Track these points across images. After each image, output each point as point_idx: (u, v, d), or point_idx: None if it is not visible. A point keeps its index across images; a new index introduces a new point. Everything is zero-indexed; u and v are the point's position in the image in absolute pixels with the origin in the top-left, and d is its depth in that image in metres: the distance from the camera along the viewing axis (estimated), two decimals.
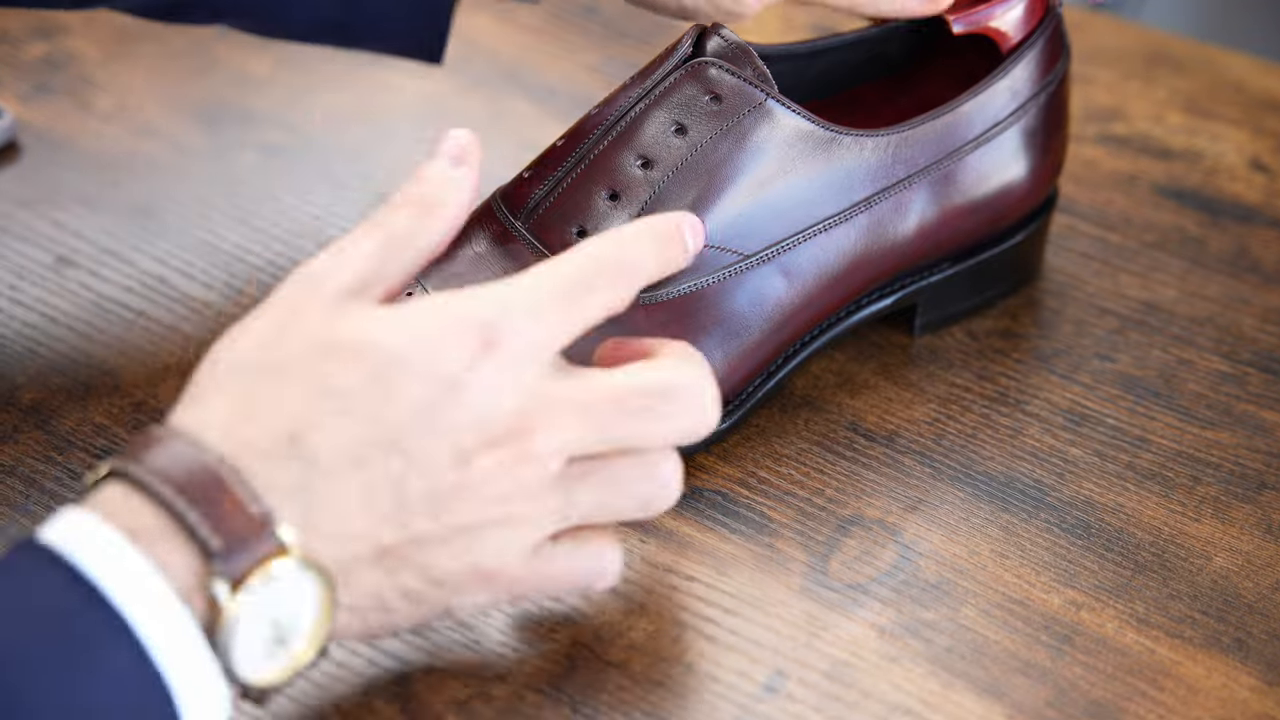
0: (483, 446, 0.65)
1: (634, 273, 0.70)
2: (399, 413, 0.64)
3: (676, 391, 0.69)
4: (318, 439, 0.64)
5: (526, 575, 0.68)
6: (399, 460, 0.64)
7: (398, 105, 1.05)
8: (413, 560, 0.65)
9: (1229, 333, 0.90)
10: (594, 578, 0.70)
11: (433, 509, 0.65)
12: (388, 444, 0.64)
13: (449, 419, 0.65)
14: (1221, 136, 1.03)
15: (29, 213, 0.96)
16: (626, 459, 0.68)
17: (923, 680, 0.73)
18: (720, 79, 0.79)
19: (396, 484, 0.64)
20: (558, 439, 0.66)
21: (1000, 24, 0.86)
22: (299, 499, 0.63)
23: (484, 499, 0.66)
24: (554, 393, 0.67)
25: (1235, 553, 0.79)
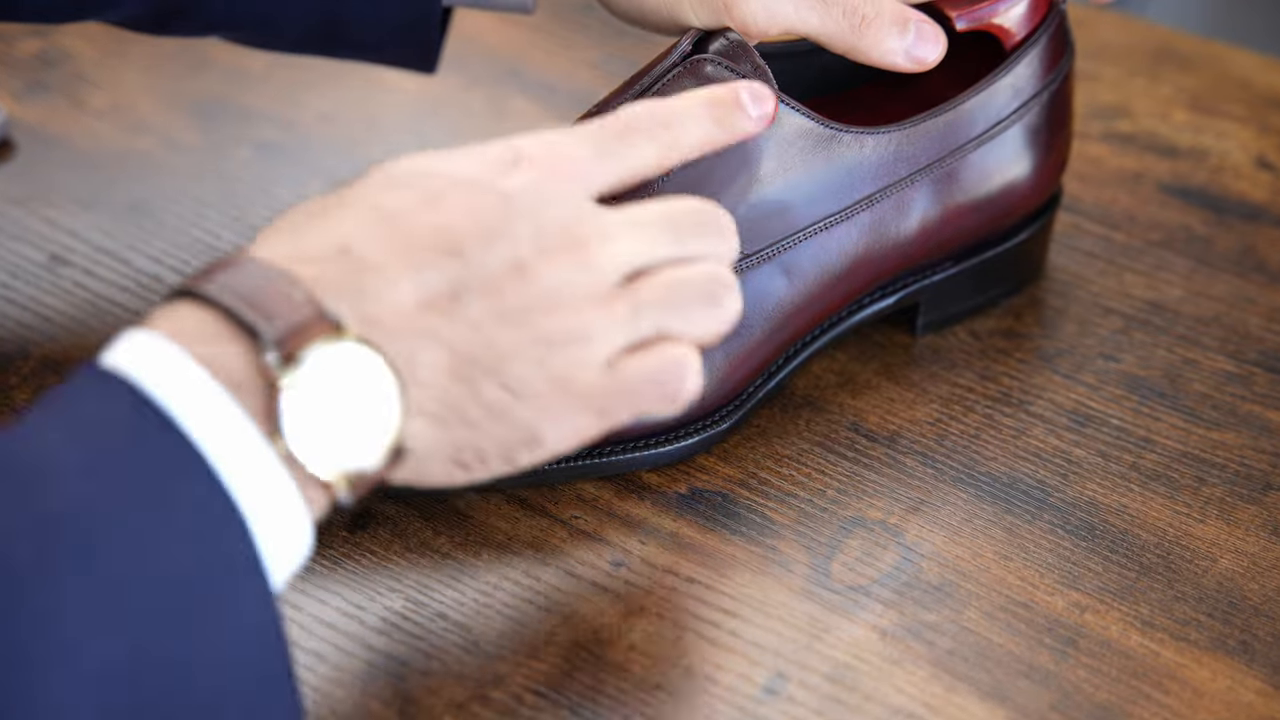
0: (539, 254, 0.67)
1: (678, 126, 0.72)
2: (449, 220, 0.66)
3: (714, 211, 0.71)
4: (369, 247, 0.65)
5: (606, 386, 0.68)
6: (455, 263, 0.66)
7: (394, 102, 1.05)
8: (489, 368, 0.66)
9: (1235, 332, 0.90)
10: (675, 383, 0.69)
11: (500, 317, 0.66)
12: (441, 247, 0.66)
13: (501, 226, 0.67)
14: (1227, 134, 1.03)
15: (22, 211, 0.96)
16: (685, 270, 0.70)
17: (925, 683, 0.73)
18: (719, 76, 0.79)
19: (455, 283, 0.66)
20: (611, 249, 0.68)
21: (1003, 21, 0.85)
22: (350, 295, 0.64)
23: (550, 306, 0.67)
24: (602, 213, 0.69)
25: (1241, 554, 0.79)
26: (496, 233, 0.66)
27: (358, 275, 0.65)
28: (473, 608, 0.75)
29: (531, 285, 0.66)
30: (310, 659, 0.73)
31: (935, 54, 0.82)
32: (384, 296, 0.65)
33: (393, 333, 0.65)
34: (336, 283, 0.64)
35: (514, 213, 0.67)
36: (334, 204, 0.67)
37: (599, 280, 0.68)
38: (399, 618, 0.75)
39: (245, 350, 0.63)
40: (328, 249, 0.65)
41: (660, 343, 0.69)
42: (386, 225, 0.66)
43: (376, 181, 0.68)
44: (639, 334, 0.69)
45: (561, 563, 0.77)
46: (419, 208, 0.66)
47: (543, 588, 0.76)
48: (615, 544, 0.78)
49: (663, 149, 0.71)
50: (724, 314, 0.70)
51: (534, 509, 0.80)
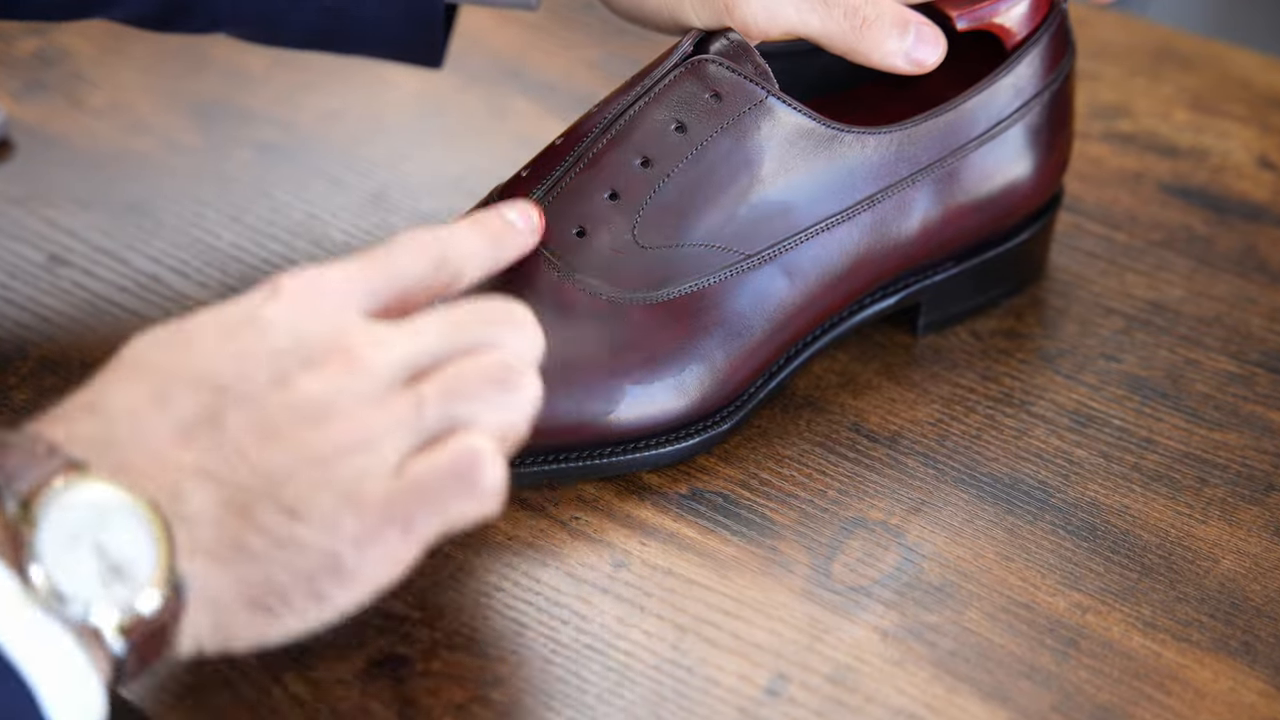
0: (302, 367, 0.64)
1: (443, 242, 0.70)
2: (203, 357, 0.64)
3: (508, 308, 0.68)
4: (117, 399, 0.63)
5: (398, 494, 0.64)
6: (209, 393, 0.63)
7: (394, 102, 1.05)
8: (263, 493, 0.62)
9: (1236, 332, 0.90)
10: (472, 474, 0.65)
11: (266, 437, 0.63)
12: (193, 382, 0.63)
13: (258, 348, 0.64)
14: (1228, 134, 1.03)
15: (21, 211, 0.96)
16: (471, 359, 0.67)
17: (926, 684, 0.73)
18: (720, 76, 0.79)
19: (213, 414, 0.63)
20: (384, 352, 0.65)
21: (1004, 20, 0.85)
22: (100, 445, 0.62)
23: (320, 417, 0.63)
24: (371, 322, 0.66)
25: (1243, 555, 0.78)
26: (253, 356, 0.64)
27: (107, 424, 0.62)
28: (473, 608, 0.75)
29: (297, 399, 0.63)
30: (310, 659, 0.73)
31: (935, 57, 0.82)
32: (135, 439, 0.62)
33: (150, 473, 0.62)
34: (86, 434, 0.62)
35: (272, 335, 0.64)
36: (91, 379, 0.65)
37: (371, 383, 0.64)
38: (399, 618, 0.74)
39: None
40: (74, 409, 0.63)
41: (450, 437, 0.65)
42: (136, 376, 0.64)
43: (130, 347, 0.65)
44: (426, 432, 0.65)
45: (562, 563, 0.77)
46: (172, 353, 0.64)
47: (543, 588, 0.76)
48: (616, 545, 0.78)
49: (432, 264, 0.69)
50: (520, 399, 0.67)
51: (534, 509, 0.79)
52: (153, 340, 0.65)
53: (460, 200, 0.93)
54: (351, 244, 0.94)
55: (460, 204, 0.90)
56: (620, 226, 0.79)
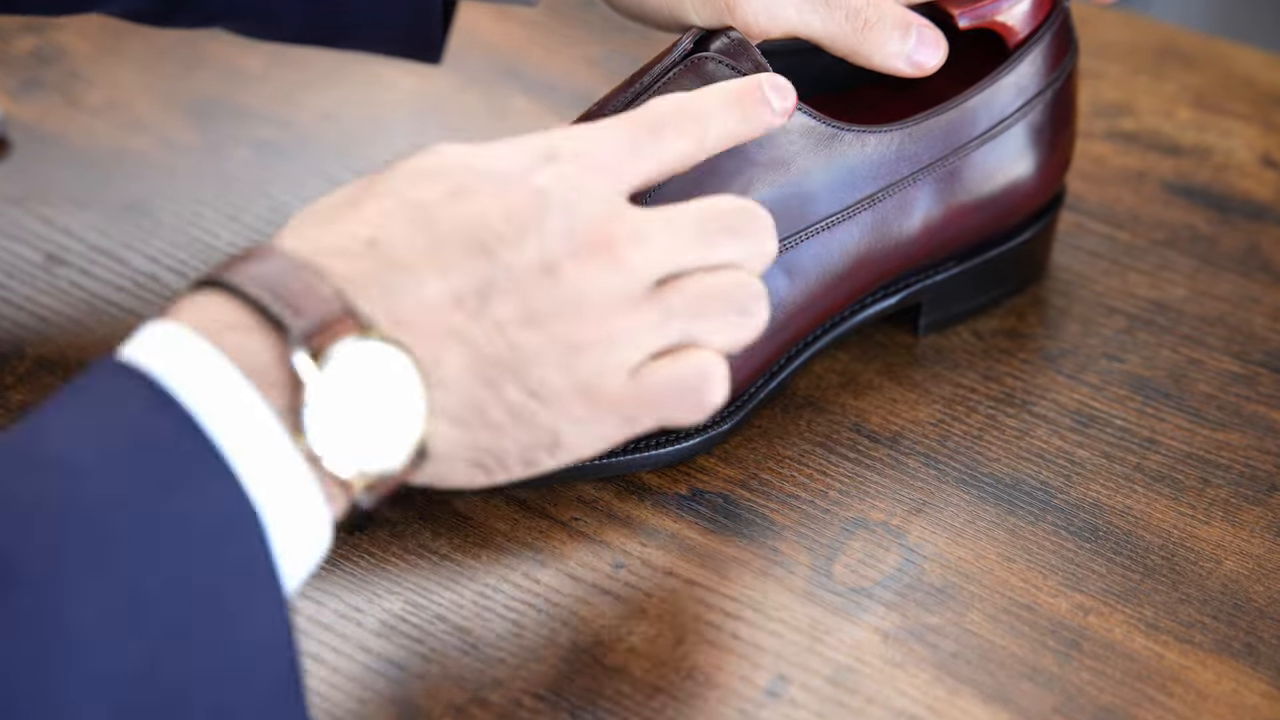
0: (569, 255, 0.66)
1: (704, 120, 0.71)
2: (479, 215, 0.66)
3: (753, 211, 0.71)
4: (397, 240, 0.65)
5: (631, 393, 0.68)
6: (484, 262, 0.65)
7: (393, 101, 1.05)
8: (513, 371, 0.66)
9: (1239, 332, 0.89)
10: (701, 391, 0.69)
11: (526, 319, 0.66)
12: (471, 244, 0.65)
13: (533, 222, 0.66)
14: (1232, 132, 1.03)
15: (18, 210, 0.96)
16: (716, 277, 0.69)
17: (928, 686, 0.73)
18: (720, 74, 0.79)
19: (483, 283, 0.65)
20: (644, 252, 0.67)
21: (1006, 18, 0.85)
22: (377, 289, 0.64)
23: (579, 310, 0.66)
24: (636, 212, 0.68)
25: (1246, 556, 0.78)
26: (527, 230, 0.66)
27: (386, 271, 0.64)
28: (471, 610, 0.75)
29: (560, 288, 0.66)
30: (308, 661, 0.73)
31: (936, 60, 0.82)
32: (412, 294, 0.64)
33: (420, 332, 0.64)
34: (365, 278, 0.64)
35: (545, 209, 0.66)
36: (361, 195, 0.67)
37: (629, 285, 0.67)
38: (397, 620, 0.74)
39: (272, 344, 0.62)
40: (355, 242, 0.65)
41: (686, 350, 0.69)
42: (415, 218, 0.66)
43: (404, 173, 0.67)
44: (666, 341, 0.68)
45: (561, 565, 0.77)
46: (448, 201, 0.66)
47: (542, 590, 0.76)
48: (615, 546, 0.78)
49: (693, 144, 0.71)
50: (752, 323, 0.70)
51: (534, 511, 0.79)
52: (432, 173, 0.67)
53: None
54: None
55: None
56: None
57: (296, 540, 0.62)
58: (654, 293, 0.68)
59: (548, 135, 0.69)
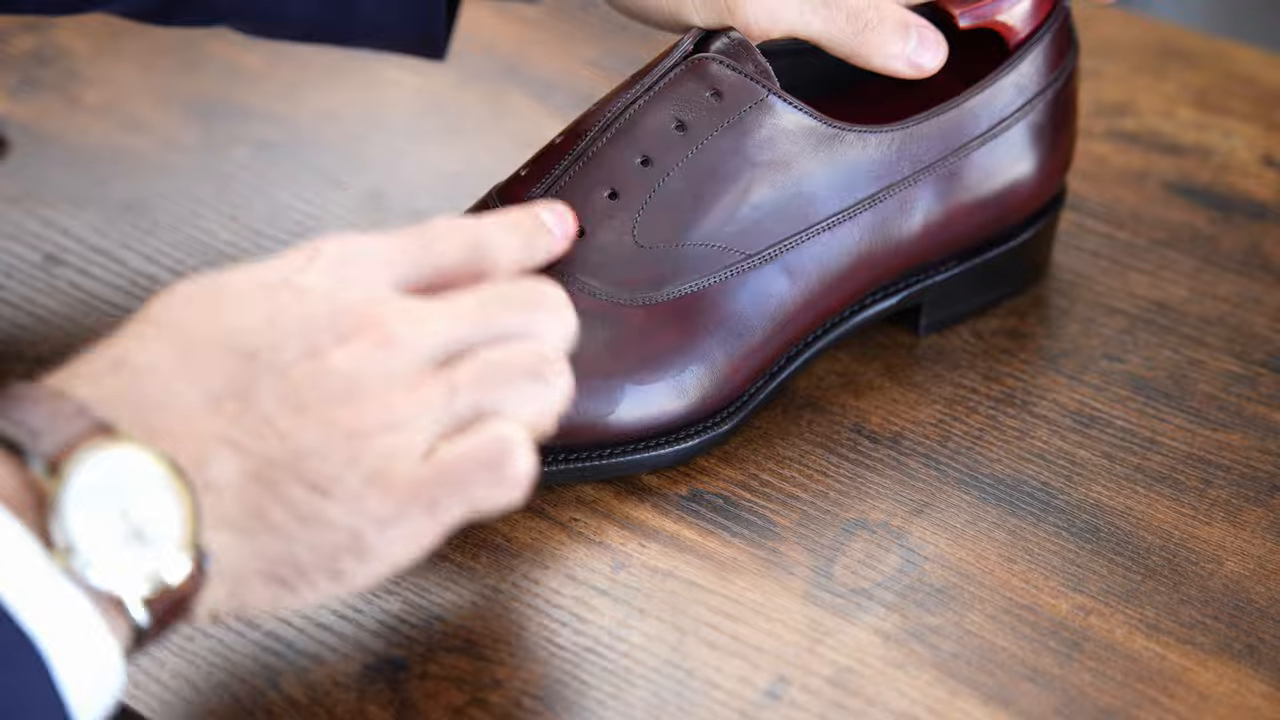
0: (336, 340, 0.64)
1: (479, 236, 0.69)
2: (237, 320, 0.63)
3: (539, 288, 0.69)
4: (148, 357, 0.62)
5: (425, 477, 0.64)
6: (243, 364, 0.63)
7: (392, 100, 1.05)
8: (290, 467, 0.62)
9: (1241, 332, 0.89)
10: (500, 462, 0.65)
11: (296, 410, 0.63)
12: (224, 347, 0.63)
13: (292, 315, 0.64)
14: (1233, 132, 1.03)
15: (16, 209, 0.96)
16: (504, 347, 0.67)
17: (928, 687, 0.73)
18: (721, 74, 0.79)
19: (242, 384, 0.62)
20: (417, 329, 0.65)
21: (1007, 18, 0.85)
22: (128, 402, 0.61)
23: (352, 394, 0.63)
24: (408, 298, 0.66)
25: (1247, 557, 0.78)
26: (286, 324, 0.63)
27: (136, 385, 0.62)
28: (471, 611, 0.75)
29: (330, 376, 0.63)
30: (307, 662, 0.72)
31: (935, 61, 0.82)
32: (167, 403, 0.62)
33: (179, 438, 0.61)
34: (112, 394, 0.61)
35: (307, 302, 0.64)
36: (119, 331, 0.64)
37: (405, 363, 0.64)
38: (396, 620, 0.74)
39: (15, 468, 0.59)
40: (103, 366, 0.62)
41: (480, 424, 0.65)
42: (166, 334, 0.63)
43: (160, 301, 0.65)
44: (455, 417, 0.65)
45: (561, 565, 0.77)
46: (204, 314, 0.64)
47: (542, 590, 0.76)
48: (615, 547, 0.78)
49: (469, 255, 0.69)
50: (552, 392, 0.67)
51: (533, 511, 0.79)
52: (184, 298, 0.65)
53: (459, 199, 0.93)
54: None
55: (459, 203, 0.90)
56: (620, 226, 0.79)
57: (84, 667, 0.59)
58: (437, 370, 0.65)
59: (312, 241, 0.67)
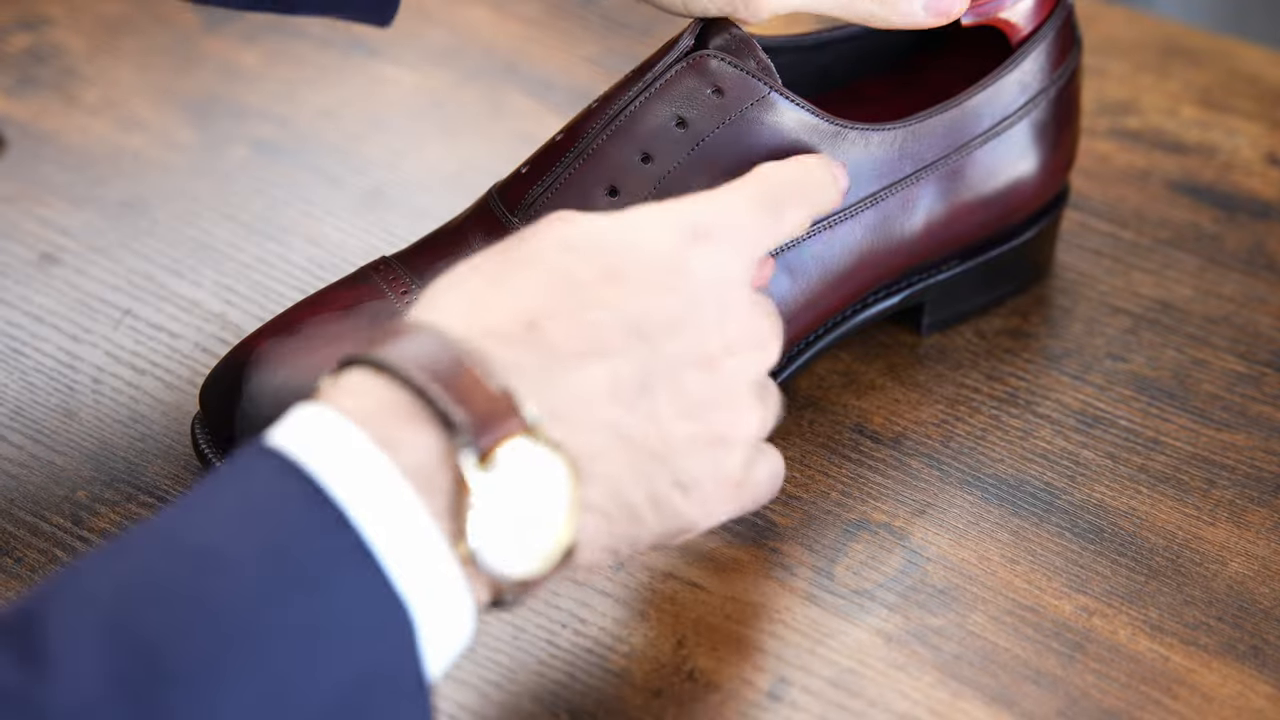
0: (724, 349, 0.67)
1: (818, 196, 0.74)
2: (635, 300, 0.65)
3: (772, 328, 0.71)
4: (558, 326, 0.64)
5: (748, 482, 0.69)
6: (642, 350, 0.65)
7: (391, 98, 1.05)
8: (667, 466, 0.65)
9: (1245, 332, 0.89)
10: (778, 485, 0.72)
11: (684, 411, 0.65)
12: (628, 330, 0.64)
13: (687, 311, 0.66)
14: (1237, 130, 1.03)
15: (13, 209, 0.96)
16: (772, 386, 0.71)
17: (930, 689, 0.73)
18: (722, 71, 0.79)
19: (640, 373, 0.65)
20: (776, 343, 0.69)
21: (1010, 15, 0.85)
22: (540, 382, 0.63)
23: (727, 401, 0.66)
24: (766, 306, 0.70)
25: (1251, 558, 0.78)
26: (684, 318, 0.66)
27: (547, 359, 0.63)
28: None
29: (715, 380, 0.66)
30: None
31: (959, 4, 0.81)
32: (571, 386, 0.63)
33: (576, 425, 0.63)
34: (528, 367, 0.63)
35: (700, 297, 0.66)
36: (511, 266, 0.65)
37: (761, 376, 0.68)
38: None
39: (434, 440, 0.60)
40: (515, 325, 0.63)
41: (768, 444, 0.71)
42: (571, 302, 0.64)
43: (553, 245, 0.66)
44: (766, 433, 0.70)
45: None
46: (602, 283, 0.65)
47: (541, 592, 0.75)
48: None
49: (806, 216, 0.73)
50: None
51: None
52: (584, 249, 0.66)
53: (458, 198, 0.93)
54: (348, 242, 0.93)
55: (458, 202, 0.89)
56: None
57: (442, 637, 0.61)
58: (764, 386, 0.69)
59: (690, 208, 0.68)
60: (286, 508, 0.58)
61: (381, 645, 0.59)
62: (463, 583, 0.61)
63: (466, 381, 0.61)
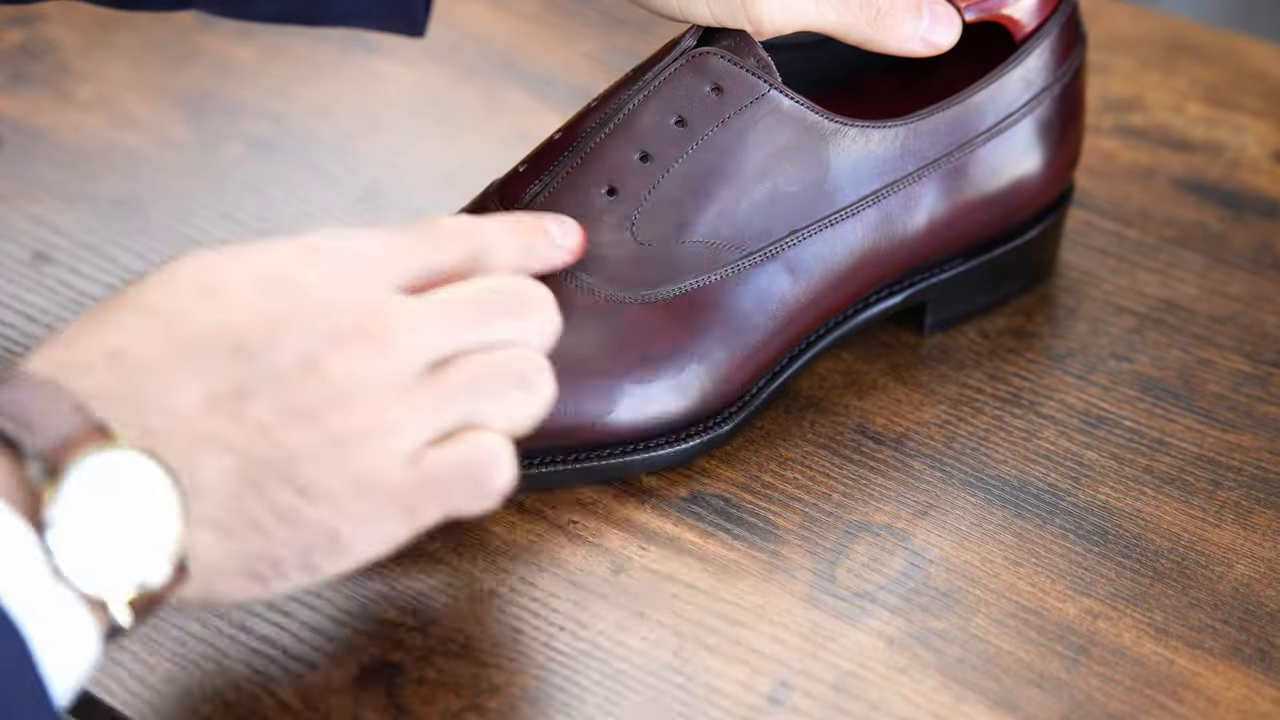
0: (332, 345, 0.64)
1: (480, 238, 0.71)
2: (232, 315, 0.64)
3: (528, 287, 0.70)
4: (144, 350, 0.63)
5: (410, 483, 0.66)
6: (239, 361, 0.63)
7: (388, 95, 1.05)
8: (280, 471, 0.63)
9: (1251, 332, 0.89)
10: (485, 473, 0.67)
11: (291, 416, 0.63)
12: (224, 344, 0.63)
13: (291, 317, 0.64)
14: (1244, 128, 1.03)
15: (5, 207, 0.96)
16: (493, 355, 0.68)
17: (933, 692, 0.72)
18: (722, 69, 0.79)
19: (239, 384, 0.63)
20: (412, 335, 0.66)
21: (1013, 11, 0.85)
22: (125, 403, 0.62)
23: (345, 401, 0.64)
24: (402, 300, 0.67)
25: (1257, 560, 0.78)
26: (284, 325, 0.64)
27: (133, 381, 0.62)
28: (468, 614, 0.75)
29: (324, 380, 0.64)
30: (301, 667, 0.72)
31: (950, 37, 0.82)
32: (160, 402, 0.62)
33: (172, 440, 0.62)
34: (108, 391, 0.62)
35: (302, 303, 0.65)
36: (108, 309, 0.64)
37: (398, 370, 0.65)
38: (392, 624, 0.74)
39: (9, 464, 0.60)
40: (97, 355, 0.62)
41: (467, 433, 0.67)
42: (163, 325, 0.63)
43: (154, 282, 0.65)
44: (444, 425, 0.67)
45: (559, 569, 0.77)
46: (198, 304, 0.64)
47: (540, 594, 0.76)
48: (614, 549, 0.78)
49: (464, 257, 0.70)
50: (536, 398, 0.68)
51: (531, 513, 0.79)
52: (181, 284, 0.65)
53: (455, 196, 0.93)
54: None
55: (455, 199, 0.89)
56: (619, 223, 0.79)
57: (64, 657, 0.60)
58: (428, 376, 0.66)
59: (311, 234, 0.68)
60: None
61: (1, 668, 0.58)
62: (72, 598, 0.60)
63: (32, 407, 0.60)
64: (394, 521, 0.66)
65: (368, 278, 0.66)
